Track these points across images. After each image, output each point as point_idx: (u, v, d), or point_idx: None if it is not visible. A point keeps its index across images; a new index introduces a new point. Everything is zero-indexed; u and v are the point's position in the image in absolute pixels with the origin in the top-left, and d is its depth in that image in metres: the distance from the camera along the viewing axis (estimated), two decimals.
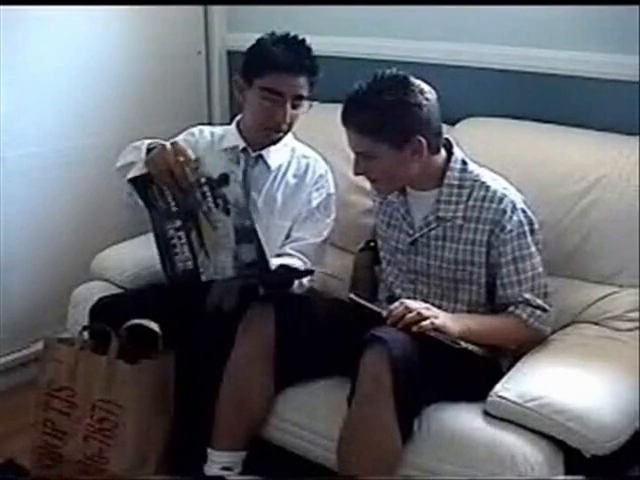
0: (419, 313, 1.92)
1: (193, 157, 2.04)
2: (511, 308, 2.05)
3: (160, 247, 2.10)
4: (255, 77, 2.28)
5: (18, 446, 2.39)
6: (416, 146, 2.02)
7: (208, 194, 2.04)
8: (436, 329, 1.92)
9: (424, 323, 1.91)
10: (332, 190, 2.42)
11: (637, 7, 2.25)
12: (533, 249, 2.06)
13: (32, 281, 2.81)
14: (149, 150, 2.10)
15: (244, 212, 2.04)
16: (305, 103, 2.31)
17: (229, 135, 2.43)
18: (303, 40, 2.30)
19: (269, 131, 2.33)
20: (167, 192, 2.07)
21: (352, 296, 2.04)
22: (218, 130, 2.49)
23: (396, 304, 1.97)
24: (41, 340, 2.32)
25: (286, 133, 2.36)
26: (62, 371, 2.18)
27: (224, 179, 2.03)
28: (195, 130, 2.46)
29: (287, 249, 2.30)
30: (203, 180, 2.04)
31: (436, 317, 1.94)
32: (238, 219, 2.03)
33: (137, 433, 2.13)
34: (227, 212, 2.04)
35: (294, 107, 2.29)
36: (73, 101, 2.79)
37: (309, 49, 2.30)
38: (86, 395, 2.15)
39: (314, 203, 2.37)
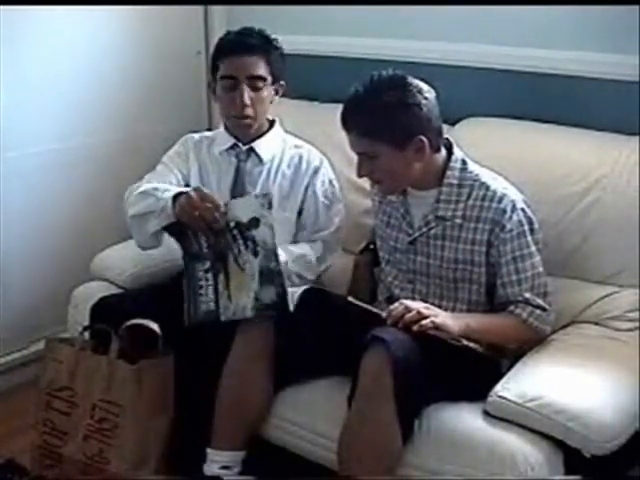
0: (419, 312, 1.92)
1: (220, 202, 2.10)
2: (511, 307, 2.05)
3: (188, 290, 2.15)
4: (215, 71, 2.35)
5: (18, 446, 2.39)
6: (418, 146, 2.02)
7: (238, 237, 2.11)
8: (436, 328, 1.92)
9: (424, 322, 1.91)
10: (333, 176, 2.43)
11: (637, 7, 2.24)
12: (533, 248, 2.06)
13: (32, 281, 2.81)
14: (174, 198, 2.13)
15: (271, 254, 2.10)
16: (268, 84, 2.32)
17: (219, 136, 2.45)
18: (259, 29, 2.34)
19: (237, 119, 2.35)
20: (201, 235, 2.13)
21: (350, 299, 2.04)
22: (209, 134, 2.52)
23: (396, 304, 1.97)
24: (41, 340, 2.33)
25: (257, 117, 2.35)
26: (62, 371, 2.18)
27: (255, 223, 2.10)
28: (186, 137, 2.49)
29: (303, 245, 2.34)
30: (232, 224, 2.11)
31: (436, 316, 1.94)
32: (264, 261, 2.10)
33: (137, 433, 2.13)
34: (255, 254, 2.11)
35: (255, 89, 2.30)
36: (73, 101, 2.79)
37: (260, 32, 2.34)
38: (86, 395, 2.15)
39: (319, 193, 2.39)
